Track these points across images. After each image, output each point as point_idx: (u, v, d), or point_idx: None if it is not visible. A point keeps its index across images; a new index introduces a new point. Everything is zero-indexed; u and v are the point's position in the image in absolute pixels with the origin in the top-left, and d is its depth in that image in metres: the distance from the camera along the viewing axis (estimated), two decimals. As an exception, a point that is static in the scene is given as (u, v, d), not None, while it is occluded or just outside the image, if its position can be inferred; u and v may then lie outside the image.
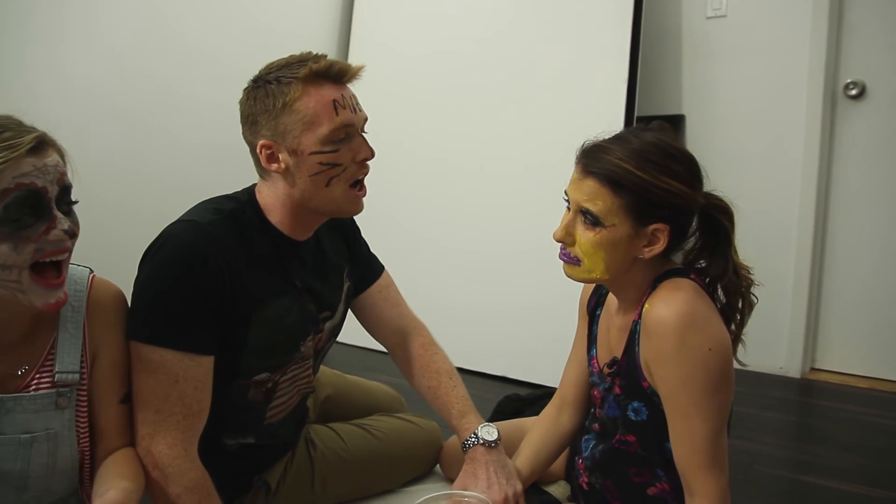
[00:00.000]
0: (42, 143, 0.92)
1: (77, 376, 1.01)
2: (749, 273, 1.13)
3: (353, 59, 1.24)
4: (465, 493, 1.25)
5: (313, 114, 1.12)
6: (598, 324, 1.27)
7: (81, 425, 1.03)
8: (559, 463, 1.44)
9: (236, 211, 1.19)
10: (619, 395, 1.15)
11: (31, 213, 0.90)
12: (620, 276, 1.12)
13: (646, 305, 1.07)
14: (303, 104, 1.12)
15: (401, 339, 1.49)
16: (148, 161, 2.37)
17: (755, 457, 1.97)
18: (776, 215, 2.75)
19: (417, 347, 1.48)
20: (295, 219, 1.22)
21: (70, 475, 1.03)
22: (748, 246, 1.13)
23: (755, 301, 1.14)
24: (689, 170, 1.08)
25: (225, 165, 2.45)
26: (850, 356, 2.77)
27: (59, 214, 0.93)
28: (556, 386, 1.42)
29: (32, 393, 0.97)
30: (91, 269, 1.08)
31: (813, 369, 2.83)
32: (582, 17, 2.62)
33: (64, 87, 2.12)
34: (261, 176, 1.23)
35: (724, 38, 2.83)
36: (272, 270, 1.21)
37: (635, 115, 2.48)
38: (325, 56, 1.17)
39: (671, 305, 1.02)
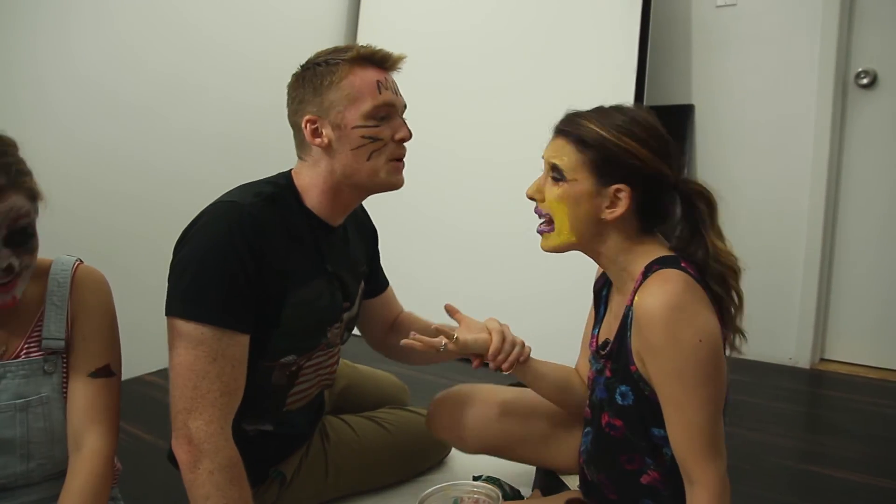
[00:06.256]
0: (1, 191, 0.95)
1: (62, 343, 1.07)
2: (735, 261, 1.10)
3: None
4: (474, 483, 1.26)
5: (358, 91, 1.19)
6: (605, 304, 1.29)
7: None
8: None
9: (275, 194, 1.22)
10: (609, 378, 1.16)
11: None
12: (591, 242, 1.15)
13: (637, 296, 1.07)
14: (348, 82, 1.20)
15: (390, 325, 1.58)
16: (155, 152, 2.38)
17: (764, 447, 1.98)
18: (786, 205, 2.73)
19: (403, 315, 1.60)
20: (332, 199, 1.26)
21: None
22: (758, 236, 1.12)
23: (742, 291, 1.10)
24: (654, 137, 1.11)
25: (232, 157, 2.46)
26: (859, 347, 2.76)
27: (4, 252, 0.97)
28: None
29: (22, 360, 1.05)
30: (80, 259, 1.14)
31: (822, 360, 2.82)
32: (592, 6, 2.61)
33: (71, 77, 2.12)
34: (300, 157, 1.28)
35: (734, 27, 2.80)
36: (308, 252, 1.25)
37: (644, 104, 2.46)
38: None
39: (658, 298, 1.02)
